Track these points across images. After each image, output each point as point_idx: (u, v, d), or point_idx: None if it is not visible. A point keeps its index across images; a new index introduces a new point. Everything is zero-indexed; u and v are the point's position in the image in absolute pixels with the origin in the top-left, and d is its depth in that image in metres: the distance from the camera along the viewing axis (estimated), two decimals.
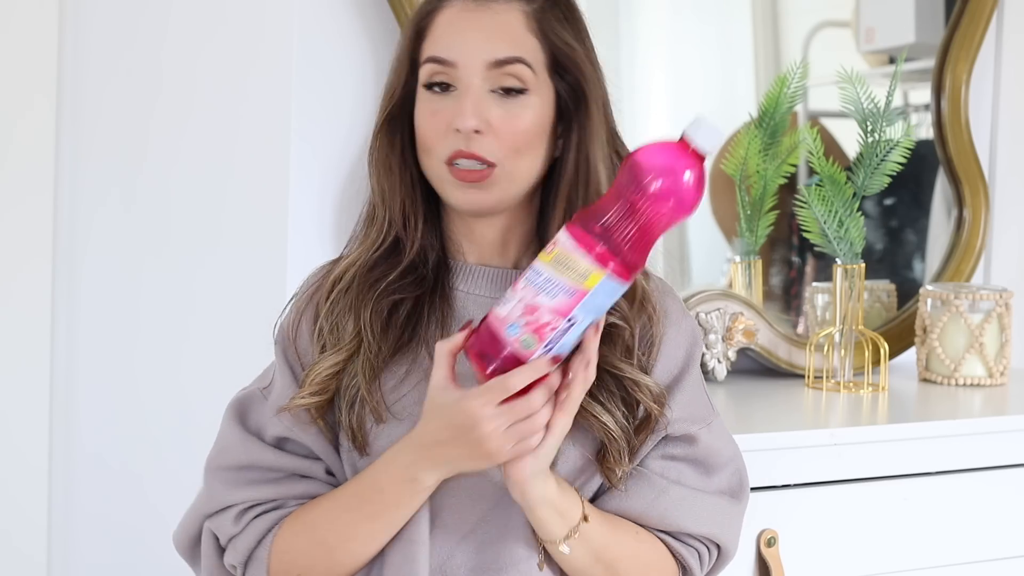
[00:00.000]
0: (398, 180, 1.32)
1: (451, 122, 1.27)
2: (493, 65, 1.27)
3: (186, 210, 1.99)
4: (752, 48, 2.28)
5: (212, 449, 1.36)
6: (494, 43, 1.27)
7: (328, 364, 1.29)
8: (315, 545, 1.29)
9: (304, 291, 1.37)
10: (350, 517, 1.28)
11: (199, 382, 1.97)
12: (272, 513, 1.31)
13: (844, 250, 1.98)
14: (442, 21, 1.29)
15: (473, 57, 1.27)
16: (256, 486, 1.32)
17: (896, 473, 1.75)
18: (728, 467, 1.39)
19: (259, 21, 1.88)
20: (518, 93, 1.28)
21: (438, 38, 1.29)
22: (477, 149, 1.26)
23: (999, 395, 2.03)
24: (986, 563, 1.81)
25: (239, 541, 1.32)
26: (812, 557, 1.69)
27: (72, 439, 2.11)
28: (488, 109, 1.27)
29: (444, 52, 1.28)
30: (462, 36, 1.28)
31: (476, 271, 1.35)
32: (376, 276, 1.31)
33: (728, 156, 2.07)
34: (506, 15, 1.28)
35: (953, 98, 2.24)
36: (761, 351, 2.05)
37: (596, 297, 1.17)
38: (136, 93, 2.04)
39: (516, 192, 1.30)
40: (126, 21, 2.06)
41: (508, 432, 1.19)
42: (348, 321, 1.30)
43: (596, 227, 1.17)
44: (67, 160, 2.08)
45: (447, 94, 1.28)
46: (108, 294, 2.08)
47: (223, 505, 1.32)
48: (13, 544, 2.09)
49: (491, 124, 1.27)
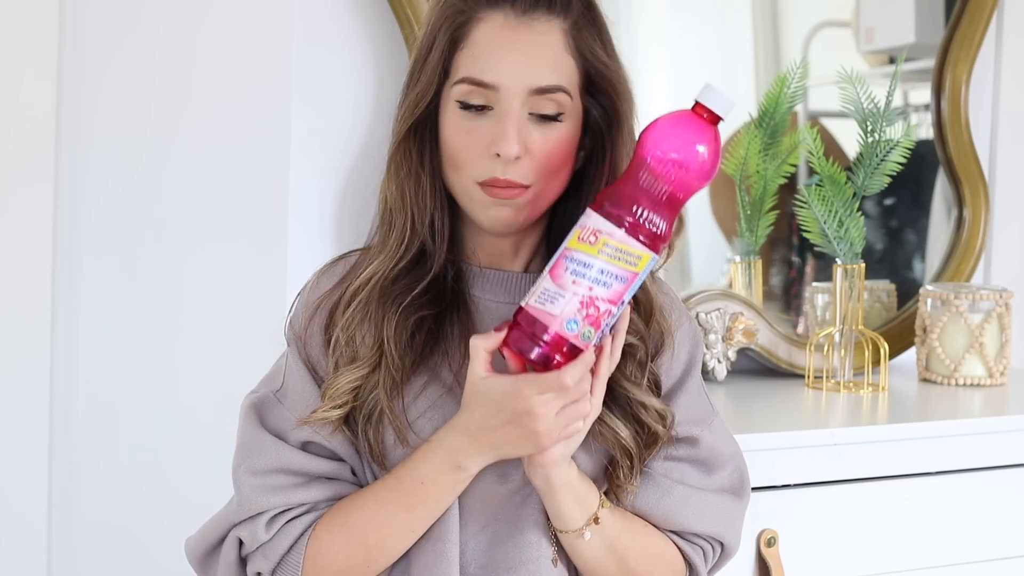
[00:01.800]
0: (428, 192, 1.29)
1: (489, 145, 1.25)
2: (535, 92, 1.24)
3: (186, 211, 1.99)
4: (752, 48, 2.28)
5: (236, 455, 1.33)
6: (537, 69, 1.24)
7: (348, 379, 1.28)
8: (352, 543, 1.28)
9: (313, 291, 1.34)
10: (389, 510, 1.27)
11: (199, 386, 1.96)
12: (304, 517, 1.30)
13: (844, 250, 1.98)
14: (482, 37, 1.25)
15: (516, 83, 1.24)
16: (287, 491, 1.29)
17: (896, 473, 1.75)
18: (729, 465, 1.40)
19: (259, 21, 1.88)
20: (556, 117, 1.25)
21: (477, 56, 1.25)
22: (513, 175, 1.25)
23: (999, 395, 2.03)
24: (986, 563, 1.81)
25: (270, 548, 1.29)
26: (812, 557, 1.69)
27: (71, 444, 2.11)
28: (527, 134, 1.25)
29: (485, 75, 1.24)
30: (504, 59, 1.24)
31: (489, 275, 1.34)
32: (399, 290, 1.29)
33: (728, 156, 2.07)
34: (547, 36, 1.25)
35: (953, 98, 2.24)
36: (761, 351, 2.05)
37: (641, 278, 1.20)
38: (136, 93, 2.04)
39: (541, 210, 1.30)
40: (126, 20, 2.06)
41: (559, 417, 1.20)
42: (368, 335, 1.28)
43: (633, 208, 1.18)
44: (67, 159, 2.08)
45: (482, 114, 1.25)
46: (108, 295, 2.08)
47: (255, 512, 1.29)
48: (13, 549, 2.08)
49: (529, 149, 1.25)
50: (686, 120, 1.19)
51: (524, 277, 1.34)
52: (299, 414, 1.30)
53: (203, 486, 1.93)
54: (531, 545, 1.30)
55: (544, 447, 1.21)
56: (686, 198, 1.19)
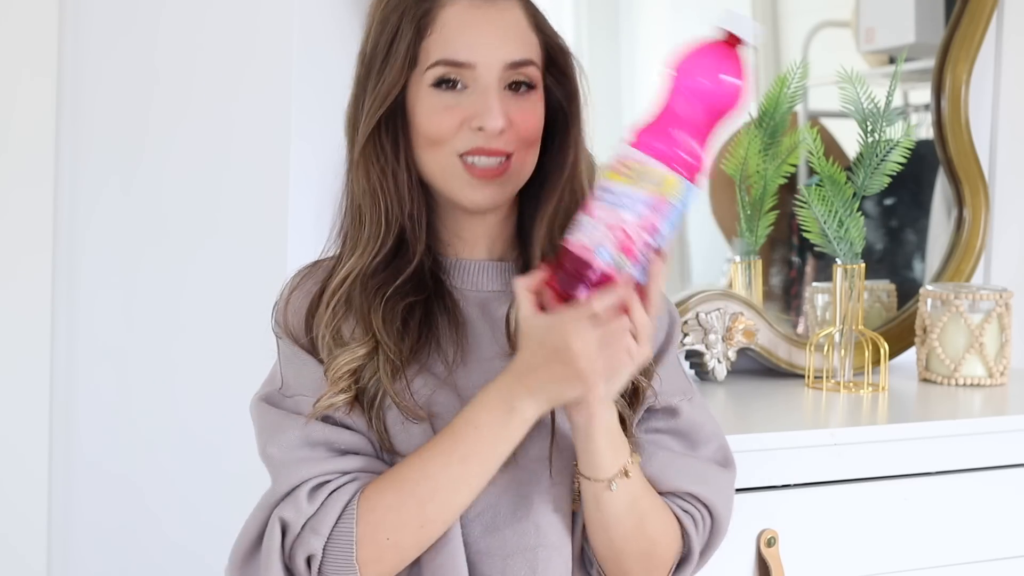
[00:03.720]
0: (405, 182, 1.31)
1: (470, 119, 1.27)
2: (510, 66, 1.28)
3: (186, 211, 1.99)
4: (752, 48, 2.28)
5: (259, 440, 1.30)
6: (509, 44, 1.29)
7: (346, 360, 1.27)
8: (405, 499, 1.24)
9: (296, 292, 1.34)
10: (442, 460, 1.24)
11: (199, 387, 1.96)
12: (349, 485, 1.26)
13: (844, 250, 1.98)
14: (450, 19, 1.28)
15: (491, 58, 1.27)
16: (320, 462, 1.26)
17: (896, 473, 1.75)
18: (713, 442, 1.40)
19: (259, 21, 1.88)
20: (528, 89, 1.30)
21: (449, 39, 1.28)
22: (499, 144, 1.28)
23: (999, 395, 2.03)
24: (986, 563, 1.81)
25: (318, 521, 1.24)
26: (812, 557, 1.69)
27: (71, 444, 2.11)
28: (508, 107, 1.28)
29: (460, 55, 1.27)
30: (477, 37, 1.28)
31: (466, 265, 1.35)
32: (379, 282, 1.29)
33: (728, 156, 2.07)
34: (512, 12, 1.30)
35: (953, 98, 2.24)
36: (761, 351, 2.05)
37: (676, 208, 1.19)
38: (136, 94, 2.04)
39: (519, 185, 1.32)
40: (126, 20, 2.06)
41: (599, 351, 1.19)
42: (356, 328, 1.28)
43: (663, 135, 1.19)
44: (67, 160, 2.08)
45: (458, 91, 1.28)
46: (108, 296, 2.08)
47: (292, 484, 1.26)
48: (13, 548, 2.08)
49: (511, 121, 1.28)
50: (711, 47, 1.21)
51: (501, 265, 1.35)
52: (311, 392, 1.29)
53: (203, 486, 1.93)
54: (529, 533, 1.30)
55: (590, 385, 1.20)
56: (714, 124, 1.20)
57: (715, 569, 1.61)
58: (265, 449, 1.30)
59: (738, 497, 1.63)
